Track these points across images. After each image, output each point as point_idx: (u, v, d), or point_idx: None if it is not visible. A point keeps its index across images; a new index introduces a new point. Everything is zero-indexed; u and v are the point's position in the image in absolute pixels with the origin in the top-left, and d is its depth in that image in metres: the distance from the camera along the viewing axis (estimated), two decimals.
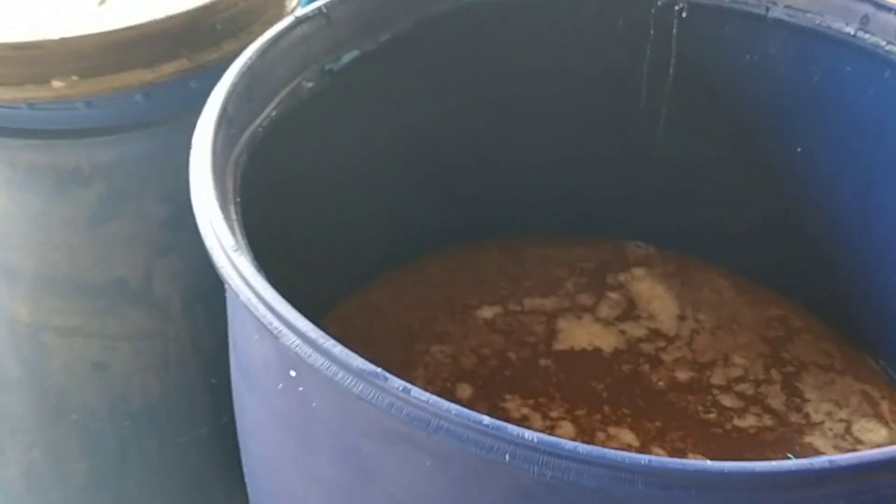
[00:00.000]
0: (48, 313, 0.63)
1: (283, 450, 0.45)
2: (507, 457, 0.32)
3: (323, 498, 0.43)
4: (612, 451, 0.31)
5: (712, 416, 0.65)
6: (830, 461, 0.32)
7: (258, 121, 0.55)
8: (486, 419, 0.33)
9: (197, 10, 0.60)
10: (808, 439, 0.64)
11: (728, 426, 0.64)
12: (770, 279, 0.77)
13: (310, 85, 0.61)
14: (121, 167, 0.61)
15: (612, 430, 0.64)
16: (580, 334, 0.72)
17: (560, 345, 0.71)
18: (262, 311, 0.38)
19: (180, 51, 0.60)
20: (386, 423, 0.37)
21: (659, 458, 0.31)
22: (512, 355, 0.69)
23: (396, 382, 0.34)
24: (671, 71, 0.74)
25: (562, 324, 0.73)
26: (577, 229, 0.81)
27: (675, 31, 0.72)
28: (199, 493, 0.73)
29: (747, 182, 0.76)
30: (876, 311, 0.71)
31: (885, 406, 0.67)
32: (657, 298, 0.75)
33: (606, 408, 0.65)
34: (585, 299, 0.75)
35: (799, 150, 0.71)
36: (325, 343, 0.36)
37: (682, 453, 0.63)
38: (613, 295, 0.75)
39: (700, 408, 0.65)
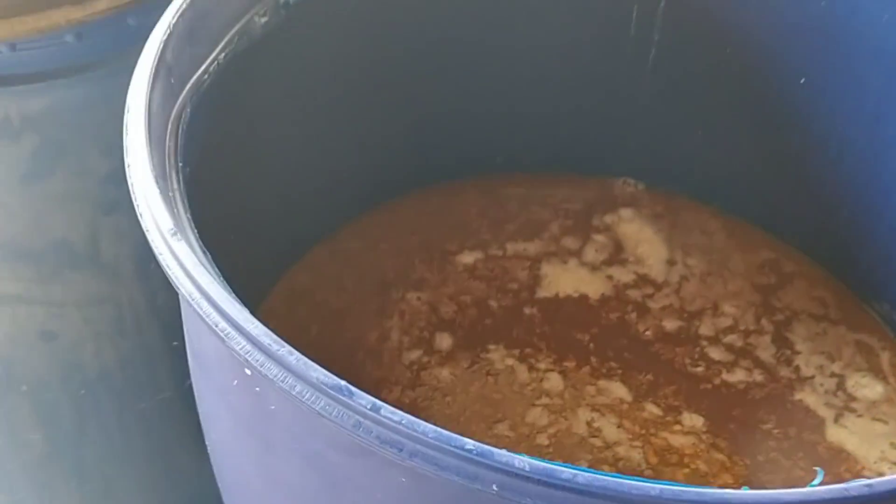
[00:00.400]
0: None
1: (242, 446, 0.41)
2: (495, 487, 0.28)
3: (287, 501, 0.39)
4: (618, 481, 0.27)
5: (700, 369, 0.62)
6: (868, 486, 0.27)
7: (203, 67, 0.49)
8: (469, 443, 0.28)
9: None
10: (798, 396, 0.60)
11: (717, 381, 0.61)
12: (764, 220, 0.72)
13: (263, 21, 0.54)
14: (54, 117, 0.55)
15: (602, 383, 0.60)
16: (565, 280, 0.67)
17: (544, 291, 0.66)
18: (205, 308, 0.33)
19: None
20: (354, 440, 0.32)
21: (671, 489, 0.27)
22: (493, 303, 0.65)
23: (363, 399, 0.30)
24: None
25: (546, 269, 0.68)
26: (561, 167, 0.75)
27: None
28: (166, 458, 0.69)
29: (744, 116, 0.70)
30: (881, 253, 0.66)
31: (885, 358, 0.64)
32: (645, 241, 0.71)
33: (594, 359, 0.62)
34: (571, 243, 0.70)
35: (802, 81, 0.66)
36: (279, 350, 0.31)
37: (676, 411, 0.59)
38: (600, 237, 0.71)
39: (688, 360, 0.62)
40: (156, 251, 0.36)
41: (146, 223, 0.37)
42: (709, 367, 0.61)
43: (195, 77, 0.48)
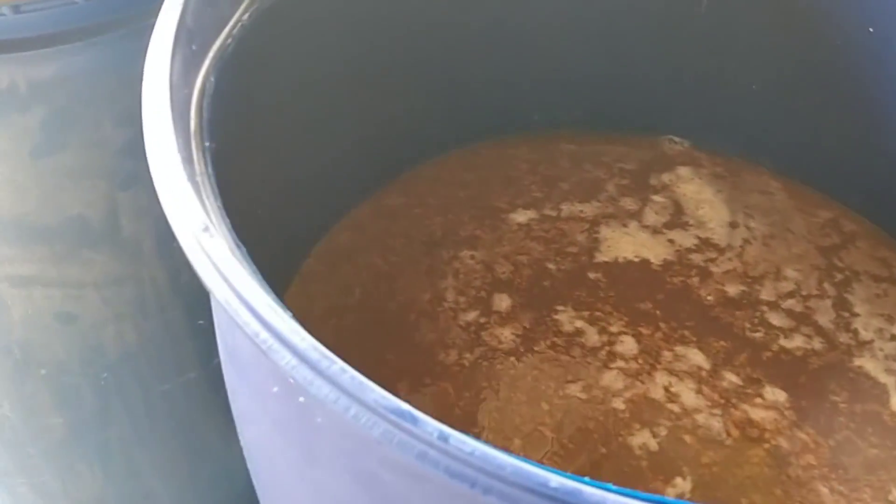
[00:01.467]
0: None
1: (282, 453, 0.37)
2: None
3: None
4: None
5: (759, 335, 0.58)
6: None
7: (227, 30, 0.44)
8: (554, 480, 0.24)
9: None
10: (857, 362, 0.57)
11: (775, 347, 0.58)
12: (821, 181, 0.68)
13: None
14: (65, 85, 0.50)
15: (678, 349, 0.58)
16: (625, 244, 0.64)
17: (604, 256, 0.63)
18: (244, 317, 0.29)
19: None
20: (417, 470, 0.28)
21: None
22: (552, 266, 0.62)
23: (430, 426, 0.26)
24: None
25: (605, 232, 0.65)
26: (608, 124, 0.71)
27: None
28: (192, 438, 0.66)
29: (803, 70, 0.65)
30: None
31: None
32: (706, 203, 0.67)
33: (663, 325, 0.59)
34: (630, 204, 0.67)
35: (871, 30, 0.60)
36: (330, 367, 0.27)
37: (758, 383, 0.56)
38: (659, 198, 0.67)
39: (747, 325, 0.59)
40: (185, 249, 0.32)
41: (173, 218, 0.32)
42: (767, 333, 0.58)
43: (218, 42, 0.43)
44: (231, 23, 0.44)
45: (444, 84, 0.65)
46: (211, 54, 0.42)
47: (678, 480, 0.52)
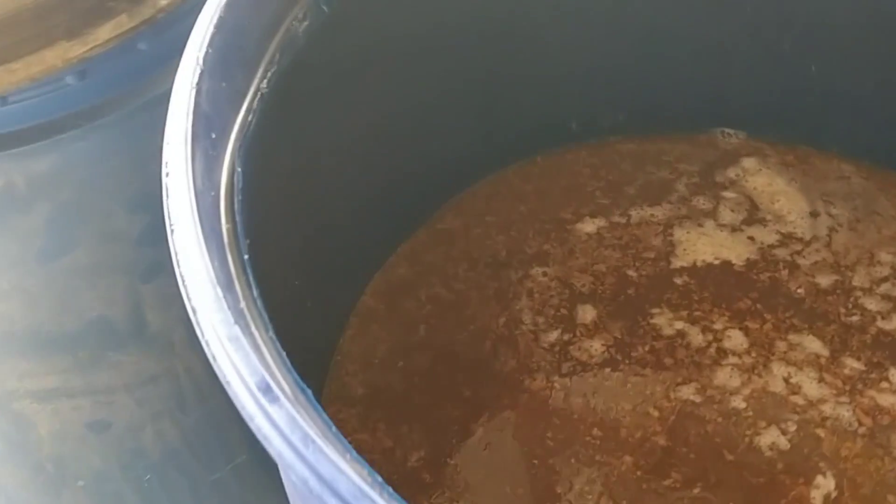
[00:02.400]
0: (16, 378, 0.48)
1: None
2: None
3: None
4: None
5: (855, 318, 0.54)
6: None
7: (246, 105, 0.38)
8: None
9: None
10: None
11: (873, 330, 0.54)
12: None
13: (304, 25, 0.43)
14: (67, 177, 0.45)
15: (792, 337, 0.53)
16: (703, 245, 0.59)
17: (680, 261, 0.58)
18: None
19: (115, 4, 0.42)
20: None
21: None
22: (632, 273, 0.57)
23: None
24: None
25: (679, 234, 0.59)
26: (654, 125, 0.65)
27: None
28: None
29: (866, 42, 0.58)
30: None
31: None
32: (780, 194, 0.62)
33: (769, 316, 0.54)
34: (702, 203, 0.61)
35: None
36: None
37: (881, 367, 0.52)
38: (730, 195, 0.62)
39: (842, 310, 0.55)
40: (242, 411, 0.26)
41: (224, 373, 0.27)
42: (864, 315, 0.54)
43: (238, 121, 0.37)
44: (249, 95, 0.38)
45: (481, 102, 0.59)
46: (232, 138, 0.36)
47: (820, 479, 0.48)
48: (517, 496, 0.48)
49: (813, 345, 0.54)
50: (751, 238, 0.60)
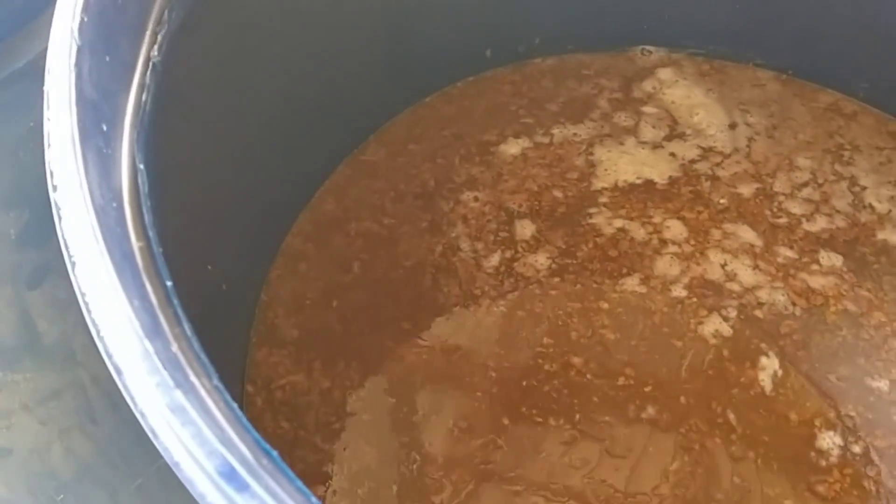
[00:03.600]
0: None
1: None
2: None
3: None
4: None
5: (781, 220, 0.56)
6: None
7: (136, 79, 0.31)
8: None
9: None
10: (881, 236, 0.55)
11: (800, 232, 0.55)
12: (812, 72, 0.61)
13: None
14: None
15: (727, 226, 0.55)
16: (624, 164, 0.58)
17: (601, 182, 0.57)
18: None
19: None
20: None
21: None
22: (559, 193, 0.57)
23: None
24: None
25: (601, 153, 0.59)
26: (578, 43, 0.62)
27: None
28: None
29: None
30: None
31: None
32: (699, 107, 0.62)
33: (702, 209, 0.56)
34: (625, 119, 0.61)
35: None
36: None
37: (812, 253, 0.54)
38: (651, 109, 0.61)
39: (767, 212, 0.56)
40: (202, 501, 0.21)
41: (171, 454, 0.21)
42: (790, 218, 0.56)
43: (131, 102, 0.30)
44: (139, 68, 0.32)
45: (396, 36, 0.54)
46: (127, 126, 0.30)
47: (764, 361, 0.49)
48: (470, 421, 0.46)
49: (747, 234, 0.55)
50: (672, 154, 0.60)
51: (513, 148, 0.58)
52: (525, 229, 0.54)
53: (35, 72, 0.30)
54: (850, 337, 0.50)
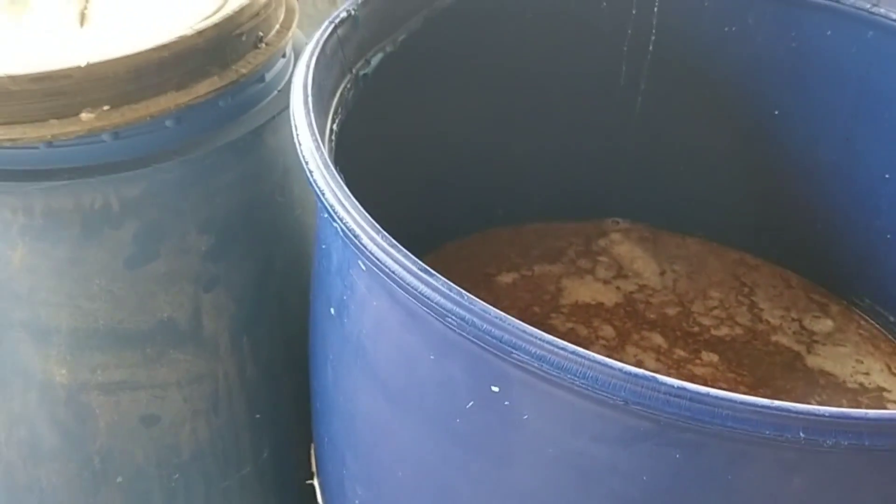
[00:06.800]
0: (89, 371, 0.57)
1: (450, 466, 0.43)
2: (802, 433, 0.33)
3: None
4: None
5: (695, 329, 0.76)
6: None
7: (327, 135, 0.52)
8: (775, 403, 0.33)
9: (225, 21, 0.56)
10: (774, 338, 0.75)
11: (707, 336, 0.75)
12: (743, 241, 0.83)
13: (351, 93, 0.58)
14: (153, 201, 0.56)
15: (644, 333, 0.74)
16: (584, 291, 0.79)
17: (566, 300, 0.78)
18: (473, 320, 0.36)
19: (210, 68, 0.56)
20: (632, 423, 0.36)
21: None
22: (537, 308, 0.76)
23: (669, 380, 0.34)
24: (651, 48, 0.77)
25: (566, 283, 0.80)
26: (563, 215, 0.85)
27: (656, 8, 0.75)
28: None
29: (723, 151, 0.80)
30: (859, 253, 0.77)
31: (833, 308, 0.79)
32: (638, 259, 0.84)
33: (628, 321, 0.76)
34: (585, 264, 0.82)
35: (776, 112, 0.76)
36: (574, 352, 0.35)
37: (697, 353, 0.73)
38: (603, 259, 0.83)
39: (685, 324, 0.76)
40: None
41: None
42: (700, 327, 0.76)
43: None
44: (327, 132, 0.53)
45: (442, 189, 0.76)
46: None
47: None
48: None
49: (657, 339, 0.74)
50: (618, 287, 0.81)
51: (506, 278, 0.79)
52: None
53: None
54: None
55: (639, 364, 0.70)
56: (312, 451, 0.62)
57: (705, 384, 0.66)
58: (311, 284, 0.54)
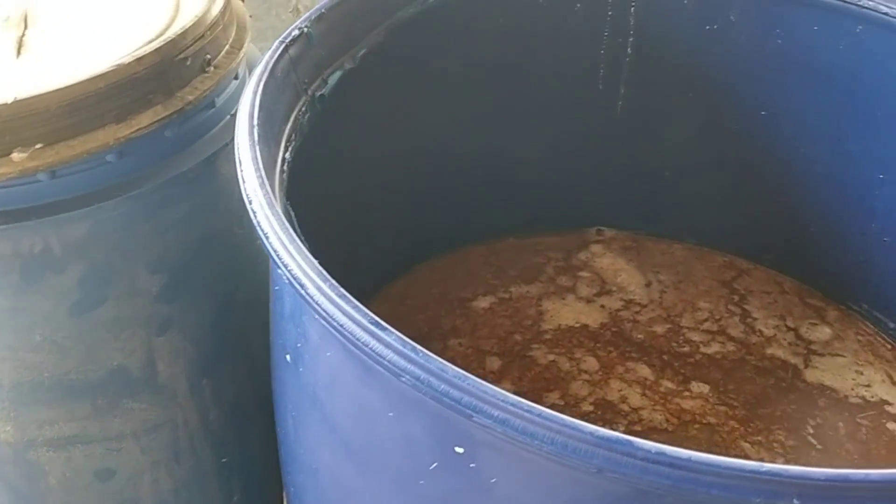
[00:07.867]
0: (36, 427, 0.53)
1: None
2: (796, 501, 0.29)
3: None
4: None
5: (685, 349, 0.71)
6: None
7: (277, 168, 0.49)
8: (765, 467, 0.30)
9: (166, 46, 0.52)
10: (769, 351, 0.71)
11: (698, 356, 0.71)
12: (730, 245, 0.79)
13: (307, 116, 0.54)
14: (98, 242, 0.52)
15: (629, 364, 0.70)
16: (566, 313, 0.75)
17: (548, 325, 0.73)
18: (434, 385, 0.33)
19: (153, 97, 0.52)
20: (610, 488, 0.33)
21: None
22: (518, 337, 0.72)
23: (646, 445, 0.30)
24: (629, 50, 0.73)
25: (547, 305, 0.75)
26: (543, 226, 0.81)
27: (633, 9, 0.71)
28: None
29: (708, 154, 0.76)
30: (855, 258, 0.74)
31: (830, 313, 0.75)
32: (622, 271, 0.79)
33: (613, 350, 0.71)
34: (565, 281, 0.78)
35: (763, 113, 0.72)
36: (540, 414, 0.32)
37: (686, 383, 0.69)
38: (585, 274, 0.79)
39: (674, 344, 0.72)
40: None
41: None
42: (690, 346, 0.72)
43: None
44: (279, 161, 0.49)
45: (414, 207, 0.72)
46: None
47: None
48: None
49: (643, 371, 0.70)
50: (602, 306, 0.77)
51: (483, 303, 0.74)
52: (493, 363, 0.70)
53: None
54: (705, 441, 0.64)
55: (623, 400, 0.66)
56: (285, 497, 0.58)
57: (694, 420, 0.65)
58: (270, 326, 0.51)
